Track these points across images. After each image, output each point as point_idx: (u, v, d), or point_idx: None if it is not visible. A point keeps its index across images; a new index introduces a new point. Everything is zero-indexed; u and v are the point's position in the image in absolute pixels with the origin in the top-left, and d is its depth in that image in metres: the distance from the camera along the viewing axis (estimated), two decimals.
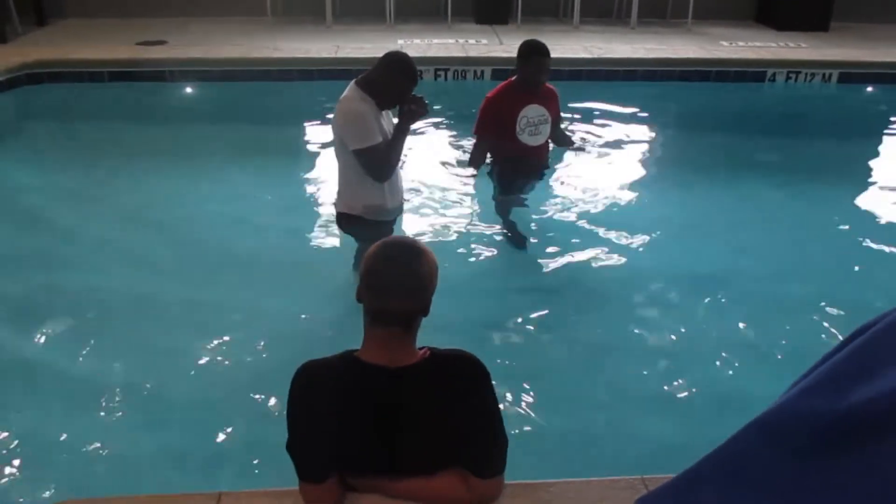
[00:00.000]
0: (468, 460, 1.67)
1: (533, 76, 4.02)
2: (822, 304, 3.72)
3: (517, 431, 1.77)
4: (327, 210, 4.25)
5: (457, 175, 5.01)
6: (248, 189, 4.90)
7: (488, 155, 4.35)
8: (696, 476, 1.33)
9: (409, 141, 3.36)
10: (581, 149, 5.01)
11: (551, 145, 4.48)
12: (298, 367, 1.71)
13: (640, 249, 4.22)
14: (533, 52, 4.01)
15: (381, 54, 3.37)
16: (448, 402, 1.65)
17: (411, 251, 1.71)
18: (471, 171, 4.43)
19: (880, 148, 6.29)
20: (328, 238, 4.17)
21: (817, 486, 1.18)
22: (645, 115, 6.66)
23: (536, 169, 4.35)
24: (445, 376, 1.67)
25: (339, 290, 3.64)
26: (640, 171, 5.43)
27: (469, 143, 5.35)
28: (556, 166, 4.93)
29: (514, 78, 4.12)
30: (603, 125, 6.26)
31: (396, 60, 3.25)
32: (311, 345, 3.17)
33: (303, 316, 3.54)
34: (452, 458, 1.67)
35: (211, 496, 1.78)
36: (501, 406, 1.78)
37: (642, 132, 6.32)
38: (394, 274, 1.67)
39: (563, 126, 4.59)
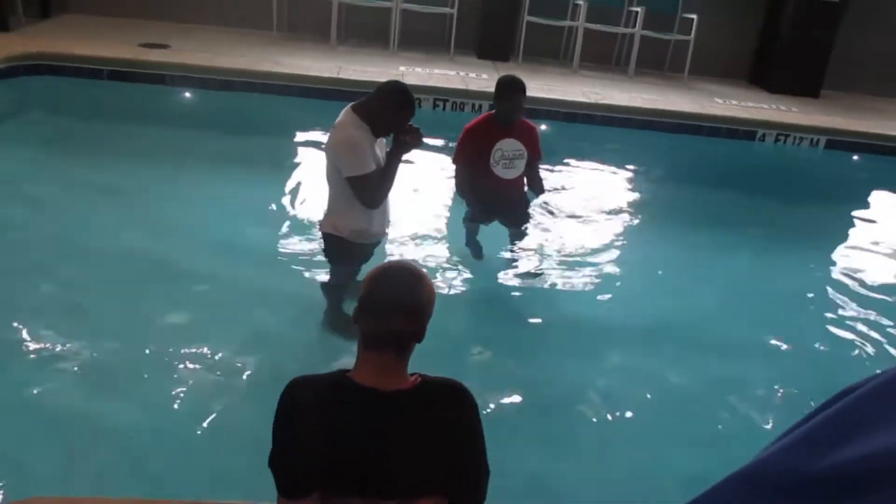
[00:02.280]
0: (451, 488, 1.68)
1: (507, 111, 4.10)
2: (783, 362, 3.82)
3: (498, 463, 1.77)
4: (311, 228, 4.27)
5: (440, 203, 5.08)
6: (234, 200, 4.90)
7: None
8: None
9: (402, 166, 3.38)
10: (545, 202, 5.02)
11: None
12: (288, 382, 1.71)
13: (614, 294, 4.31)
14: (507, 89, 4.08)
15: (382, 79, 3.41)
16: (436, 429, 1.66)
17: (411, 276, 1.73)
18: (462, 190, 4.41)
19: (861, 215, 6.43)
20: (309, 255, 4.16)
21: None
22: (635, 162, 6.77)
23: (510, 203, 4.38)
24: (435, 403, 1.68)
25: (310, 309, 3.65)
26: (624, 217, 5.52)
27: None
28: (540, 205, 5.01)
29: (492, 112, 4.22)
30: (593, 169, 6.36)
31: (396, 90, 3.27)
32: (289, 361, 3.19)
33: (276, 330, 3.54)
34: (435, 486, 1.68)
35: None
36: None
37: (631, 179, 6.43)
38: (392, 297, 1.68)
39: (541, 168, 4.58)
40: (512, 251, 4.56)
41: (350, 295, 3.63)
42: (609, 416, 3.28)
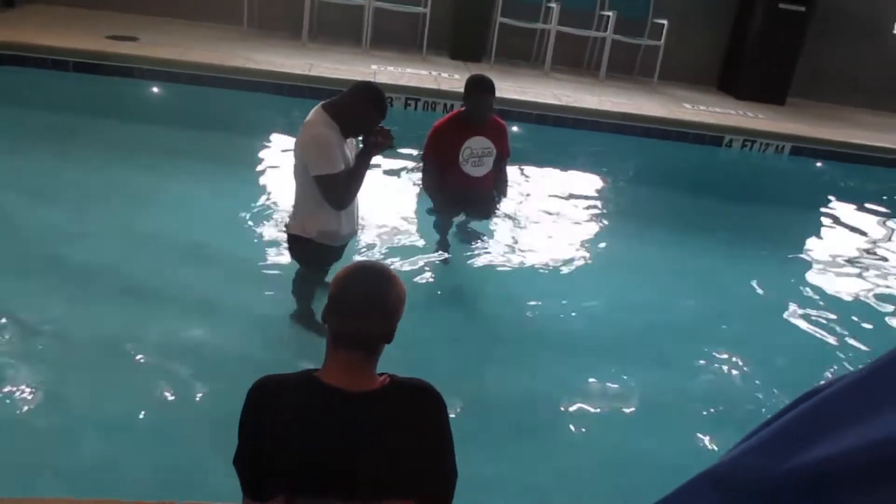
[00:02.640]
0: (418, 490, 1.67)
1: (475, 111, 4.12)
2: (748, 364, 3.89)
3: (465, 465, 1.77)
4: (280, 228, 4.23)
5: (410, 203, 5.08)
6: (202, 197, 4.85)
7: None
8: None
9: (371, 166, 3.36)
10: (497, 204, 5.01)
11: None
12: (255, 382, 1.70)
13: (580, 295, 4.35)
14: (476, 89, 4.11)
15: (354, 77, 3.38)
16: (405, 429, 1.66)
17: (381, 276, 1.72)
18: (431, 188, 4.42)
19: (824, 220, 6.56)
20: (276, 256, 4.13)
21: None
22: (605, 165, 6.84)
23: (477, 200, 4.40)
24: (404, 404, 1.68)
25: (277, 309, 3.62)
26: (592, 220, 5.58)
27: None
28: (508, 209, 5.04)
29: (462, 109, 4.23)
30: (563, 171, 6.40)
31: (367, 90, 3.24)
32: (257, 361, 3.16)
33: (240, 330, 3.51)
34: (404, 488, 1.67)
35: None
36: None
37: (600, 181, 6.49)
38: (361, 298, 1.67)
39: (511, 169, 4.66)
40: (482, 250, 4.59)
41: (320, 294, 3.61)
42: (578, 415, 3.31)
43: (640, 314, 4.21)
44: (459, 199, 4.32)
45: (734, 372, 3.82)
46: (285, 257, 3.82)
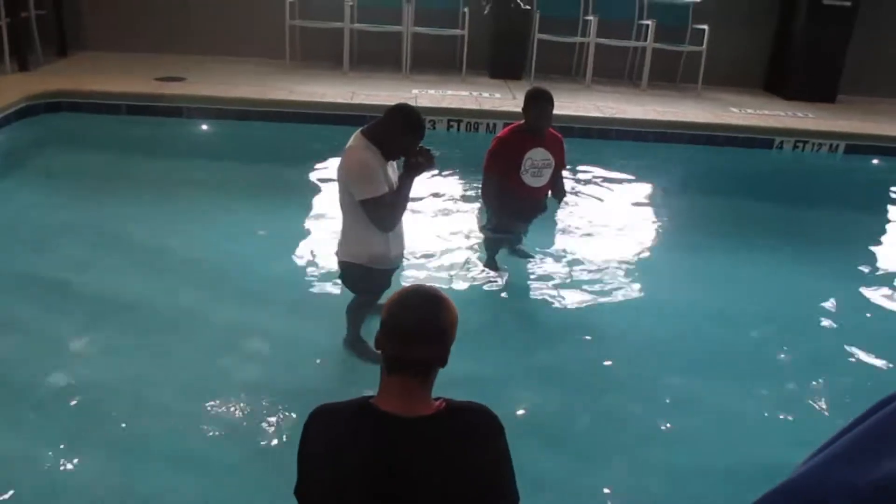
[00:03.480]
0: None
1: (535, 121, 4.21)
2: (814, 369, 3.76)
3: (527, 488, 1.74)
4: (331, 256, 4.27)
5: (459, 224, 5.08)
6: (254, 229, 4.92)
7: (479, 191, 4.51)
8: None
9: (417, 189, 3.36)
10: (566, 203, 5.10)
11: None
12: (312, 411, 1.70)
13: (634, 307, 4.29)
14: (534, 99, 4.21)
15: (396, 102, 3.40)
16: (463, 454, 1.63)
17: (433, 300, 1.71)
18: (490, 198, 4.46)
19: (883, 219, 6.34)
20: (327, 284, 4.16)
21: None
22: (653, 175, 6.75)
23: (532, 210, 4.50)
24: (461, 428, 1.66)
25: (330, 337, 3.65)
26: (642, 230, 5.49)
27: (475, 192, 5.45)
28: (558, 218, 5.00)
29: (521, 122, 4.31)
30: (611, 183, 6.33)
31: (403, 113, 3.26)
32: (311, 388, 3.18)
33: (299, 359, 3.53)
34: None
35: None
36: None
37: (650, 192, 6.40)
38: (415, 322, 1.66)
39: (564, 176, 4.67)
40: (535, 267, 4.59)
41: (375, 314, 3.62)
42: (648, 432, 3.24)
43: (701, 325, 4.12)
44: (517, 209, 4.42)
45: (802, 380, 3.69)
46: (337, 285, 3.85)
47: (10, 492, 2.60)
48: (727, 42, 8.75)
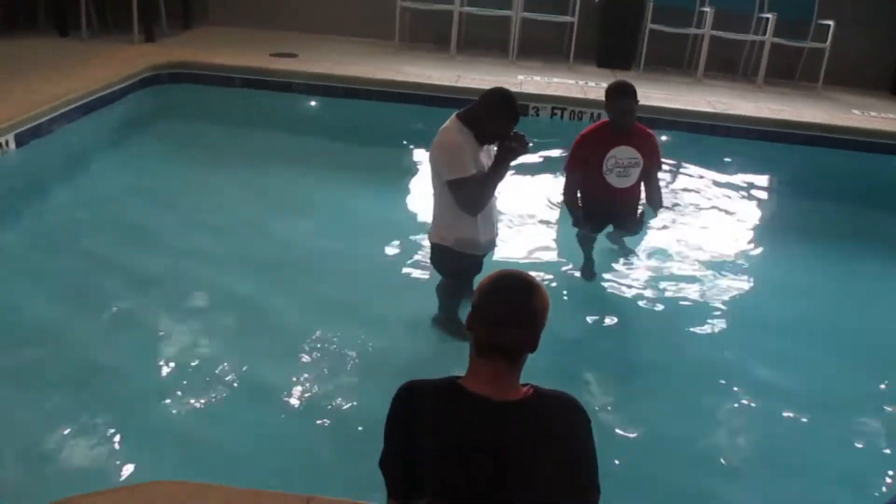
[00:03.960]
0: (562, 502, 1.65)
1: (616, 117, 4.01)
2: None
3: (611, 481, 1.73)
4: (423, 237, 4.32)
5: (553, 212, 5.03)
6: (356, 203, 5.05)
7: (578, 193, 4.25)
8: None
9: (514, 175, 3.33)
10: (654, 212, 4.69)
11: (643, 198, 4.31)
12: (402, 385, 1.74)
13: (724, 306, 4.15)
14: (614, 93, 4.01)
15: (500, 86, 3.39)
16: (550, 441, 1.64)
17: (525, 285, 1.72)
18: (567, 202, 4.31)
19: None
20: (420, 264, 4.21)
21: None
22: (763, 176, 6.50)
23: (622, 213, 4.22)
24: (549, 416, 1.67)
25: (420, 314, 3.70)
26: (744, 235, 5.28)
27: None
28: (659, 223, 4.86)
29: (607, 119, 4.13)
30: (718, 182, 6.13)
31: (499, 98, 3.24)
32: (400, 364, 3.25)
33: (387, 333, 3.60)
34: (546, 499, 1.65)
35: (301, 498, 1.83)
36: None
37: (759, 194, 6.16)
38: (506, 306, 1.68)
39: (661, 182, 4.42)
40: (626, 262, 4.47)
41: (467, 299, 3.65)
42: (732, 440, 3.17)
43: (808, 339, 3.92)
44: (602, 211, 4.19)
45: (877, 407, 3.48)
46: (428, 266, 3.90)
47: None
48: (853, 40, 8.27)
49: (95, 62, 6.75)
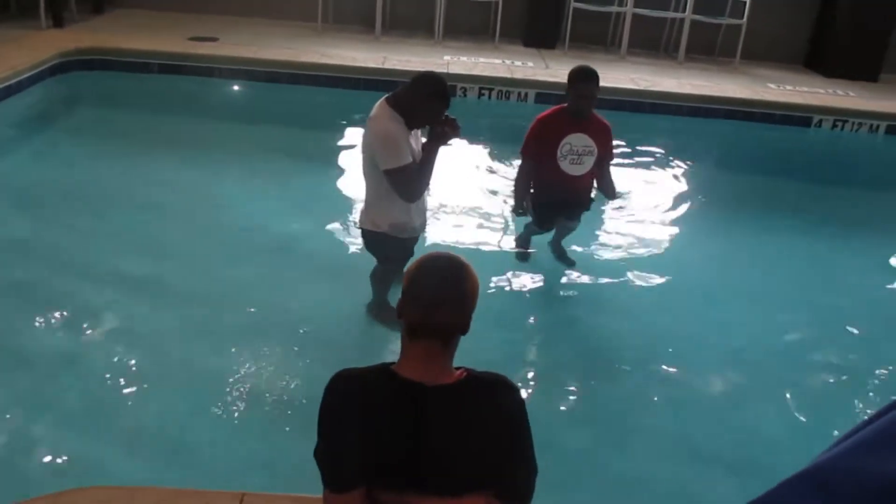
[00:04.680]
0: (497, 486, 1.65)
1: (575, 101, 3.91)
2: (850, 356, 3.69)
3: (545, 460, 1.73)
4: (353, 223, 4.26)
5: (486, 194, 5.03)
6: (279, 193, 4.95)
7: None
8: None
9: (442, 156, 3.32)
10: (630, 198, 4.76)
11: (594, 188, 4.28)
12: (333, 375, 1.70)
13: (663, 283, 4.22)
14: (575, 78, 3.90)
15: (427, 68, 3.34)
16: (483, 424, 1.63)
17: (454, 266, 1.70)
18: (508, 196, 4.32)
19: None
20: (351, 251, 4.16)
21: None
22: (686, 150, 6.63)
23: (574, 201, 4.16)
24: (482, 398, 1.65)
25: (354, 302, 3.66)
26: (674, 206, 5.40)
27: (504, 164, 5.37)
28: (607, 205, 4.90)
29: (565, 104, 4.01)
30: (641, 157, 6.24)
31: (429, 82, 3.20)
32: (334, 354, 3.20)
33: (320, 323, 3.54)
34: (481, 482, 1.65)
35: (235, 495, 1.77)
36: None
37: (681, 167, 6.29)
38: (436, 287, 1.65)
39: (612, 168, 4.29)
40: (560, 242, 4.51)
41: (397, 285, 3.63)
42: (669, 412, 3.22)
43: (730, 307, 4.06)
44: (554, 198, 4.09)
45: (835, 360, 3.64)
46: (361, 252, 3.85)
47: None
48: (768, 16, 8.53)
49: None
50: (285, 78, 6.97)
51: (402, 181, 3.18)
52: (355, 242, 4.12)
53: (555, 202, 4.11)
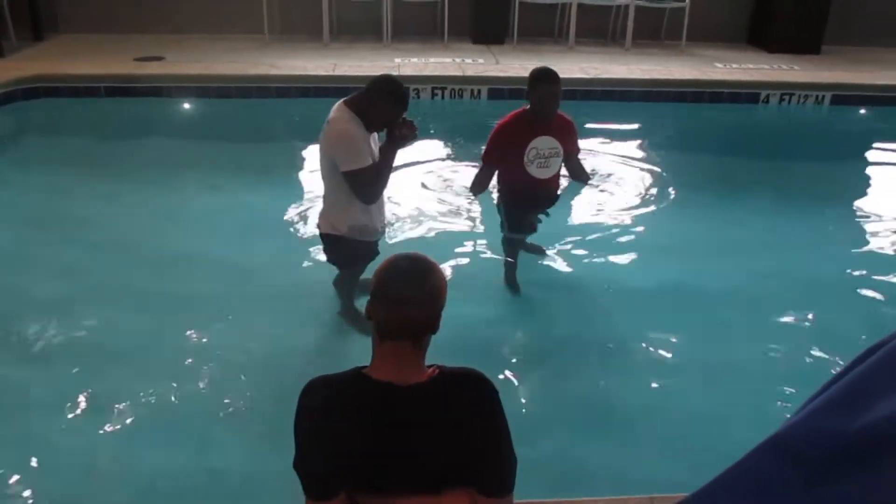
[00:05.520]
0: (477, 479, 1.66)
1: (539, 104, 3.76)
2: (810, 325, 3.77)
3: (525, 450, 1.75)
4: (315, 229, 4.23)
5: (446, 194, 5.04)
6: (239, 205, 4.90)
7: (494, 184, 4.11)
8: (711, 495, 1.33)
9: (401, 157, 3.33)
10: (594, 185, 4.77)
11: (564, 180, 4.27)
12: (306, 384, 1.70)
13: (629, 268, 4.27)
14: (537, 80, 3.74)
15: (378, 72, 3.37)
16: (458, 419, 1.64)
17: (422, 265, 1.71)
18: (470, 195, 4.30)
19: (872, 169, 6.34)
20: (314, 257, 4.12)
21: None
22: (640, 135, 6.72)
23: (544, 202, 4.14)
24: (455, 394, 1.66)
25: (320, 310, 3.65)
26: (633, 191, 5.46)
27: (462, 164, 5.39)
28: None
29: (527, 107, 3.87)
30: (598, 145, 6.30)
31: (386, 84, 3.22)
32: (304, 362, 3.18)
33: (286, 334, 3.52)
34: (461, 477, 1.66)
35: None
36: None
37: (637, 152, 6.37)
38: (405, 286, 1.66)
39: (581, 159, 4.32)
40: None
41: (361, 291, 3.62)
42: (636, 391, 3.26)
43: (691, 283, 4.11)
44: (524, 202, 4.04)
45: (791, 331, 3.72)
46: (322, 262, 3.82)
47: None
48: None
49: None
50: (235, 92, 6.90)
51: (362, 182, 3.18)
52: (318, 250, 4.10)
53: (526, 205, 4.07)
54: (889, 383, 1.16)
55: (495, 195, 4.17)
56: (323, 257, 3.63)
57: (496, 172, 4.02)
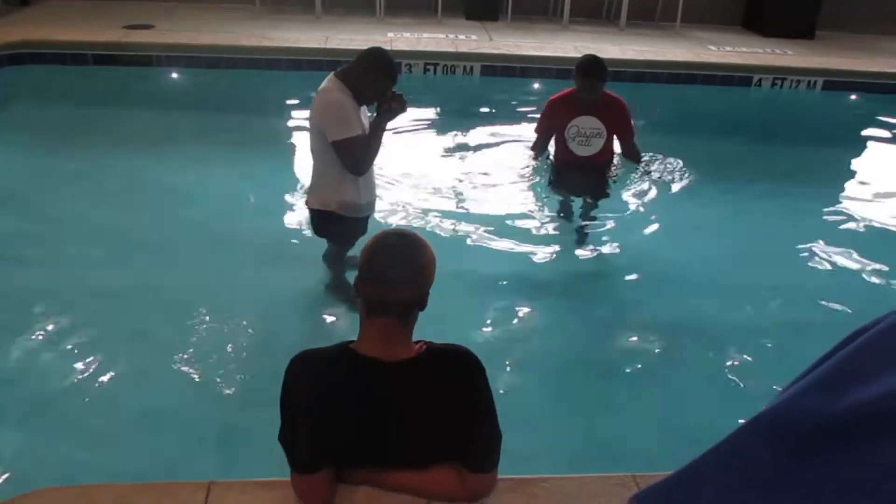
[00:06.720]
0: (462, 454, 1.67)
1: (582, 93, 4.12)
2: (804, 307, 3.79)
3: (510, 426, 1.76)
4: (300, 204, 4.22)
5: (439, 169, 5.02)
6: (228, 177, 4.86)
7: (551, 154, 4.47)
8: (695, 474, 1.33)
9: (392, 132, 3.30)
10: (647, 172, 4.84)
11: (618, 160, 4.50)
12: (293, 357, 1.70)
13: (619, 249, 4.26)
14: (579, 72, 4.08)
15: (371, 46, 3.33)
16: (443, 395, 1.64)
17: (411, 241, 1.70)
18: (531, 157, 4.63)
19: (862, 154, 6.36)
20: (305, 232, 4.11)
21: (814, 486, 1.19)
22: (632, 115, 6.67)
23: (585, 181, 4.36)
24: (441, 370, 1.67)
25: (308, 285, 3.63)
26: (623, 173, 5.44)
27: (452, 137, 5.34)
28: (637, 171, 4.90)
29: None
30: None
31: (377, 57, 3.19)
32: (293, 336, 3.18)
33: (273, 308, 3.51)
34: (446, 452, 1.67)
35: (200, 485, 1.76)
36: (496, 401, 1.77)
37: None
38: (393, 263, 1.66)
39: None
40: (574, 222, 4.51)
41: (350, 267, 3.61)
42: (620, 373, 3.27)
43: (682, 264, 4.13)
44: (566, 178, 4.38)
45: (778, 315, 3.74)
46: (311, 235, 3.80)
47: None
48: None
49: None
50: (225, 63, 6.82)
51: (351, 152, 3.15)
52: (306, 224, 4.08)
53: (567, 180, 4.40)
54: (871, 367, 1.17)
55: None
56: (310, 234, 3.61)
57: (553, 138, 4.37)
